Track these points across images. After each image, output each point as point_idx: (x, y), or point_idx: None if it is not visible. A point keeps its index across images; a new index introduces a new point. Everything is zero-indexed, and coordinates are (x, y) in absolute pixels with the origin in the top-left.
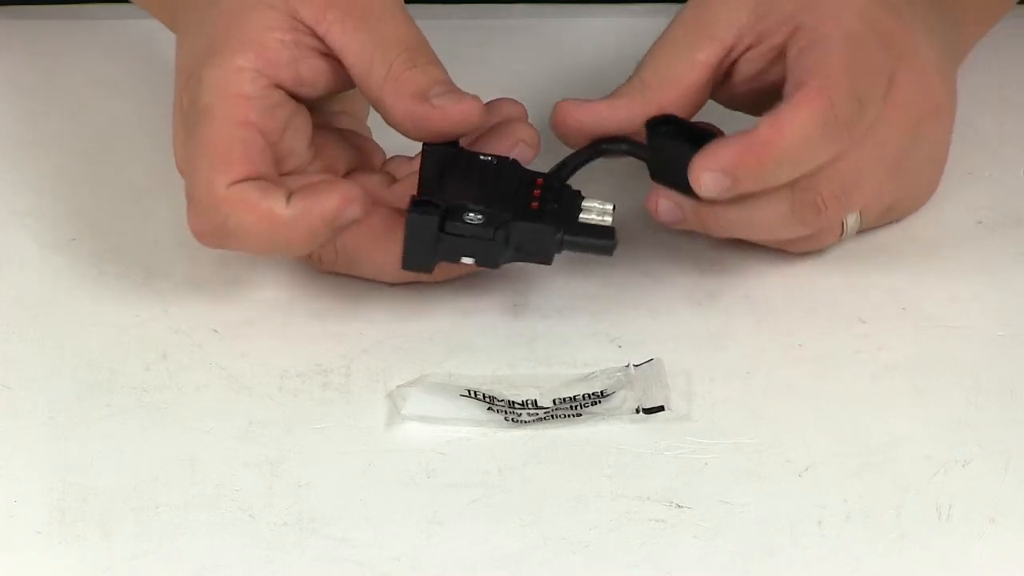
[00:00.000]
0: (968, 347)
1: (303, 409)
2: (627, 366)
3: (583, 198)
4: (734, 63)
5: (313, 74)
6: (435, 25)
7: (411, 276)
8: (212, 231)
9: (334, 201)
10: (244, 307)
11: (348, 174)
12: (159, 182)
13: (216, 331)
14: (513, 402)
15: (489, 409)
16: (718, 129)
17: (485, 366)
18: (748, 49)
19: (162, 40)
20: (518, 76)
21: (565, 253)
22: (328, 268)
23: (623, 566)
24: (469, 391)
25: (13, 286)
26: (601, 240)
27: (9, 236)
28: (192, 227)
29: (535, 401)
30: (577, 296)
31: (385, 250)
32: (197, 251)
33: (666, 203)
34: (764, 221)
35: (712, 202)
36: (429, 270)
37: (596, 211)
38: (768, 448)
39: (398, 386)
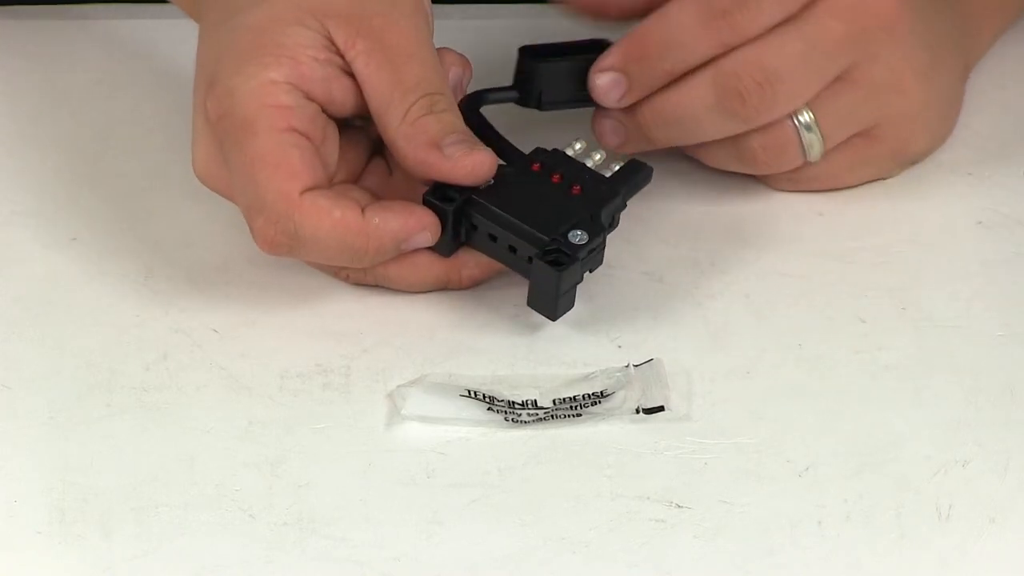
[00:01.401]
0: (968, 347)
1: (303, 409)
2: (627, 366)
3: (564, 151)
4: None
5: (344, 95)
6: (435, 25)
7: (439, 285)
8: (285, 239)
9: (410, 224)
10: (244, 307)
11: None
12: (159, 182)
13: (216, 331)
14: (513, 402)
15: (489, 409)
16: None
17: (485, 366)
18: None
19: (162, 40)
20: None
21: None
22: (356, 282)
23: (623, 566)
24: (469, 391)
25: (13, 286)
26: (640, 174)
27: (9, 236)
28: (261, 235)
29: (535, 401)
30: (577, 296)
31: (415, 264)
32: (197, 251)
33: (609, 122)
34: (693, 116)
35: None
36: (572, 305)
37: (584, 152)
38: (768, 448)
39: (398, 386)
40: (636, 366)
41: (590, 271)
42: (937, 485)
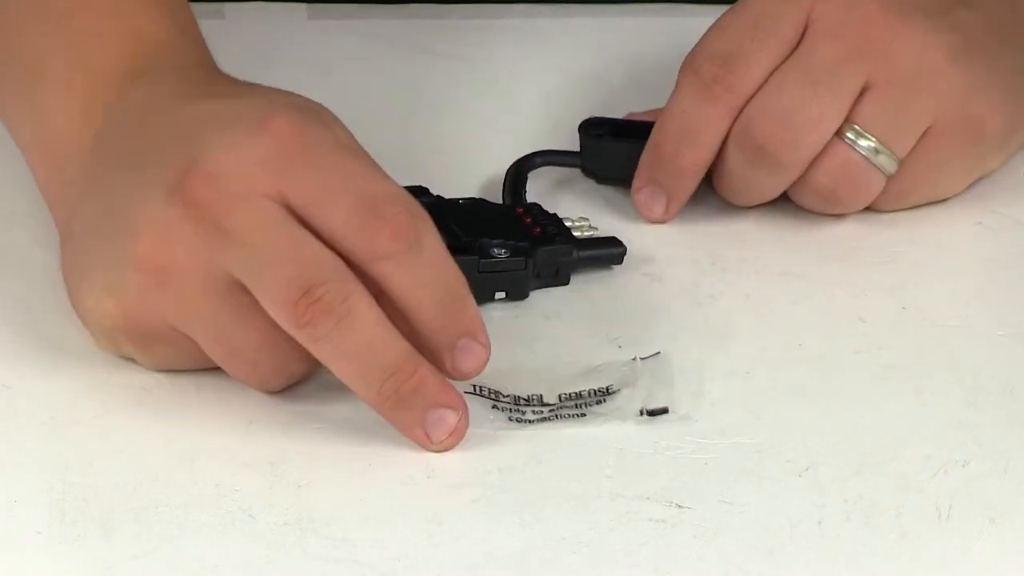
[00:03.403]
0: (968, 347)
1: (303, 409)
2: (634, 359)
3: (561, 218)
4: None
5: None
6: (435, 25)
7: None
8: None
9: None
10: None
11: None
12: None
13: None
14: (519, 397)
15: (494, 407)
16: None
17: (486, 366)
18: None
19: None
20: (518, 76)
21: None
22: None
23: (623, 566)
24: (474, 387)
25: (13, 286)
26: (612, 249)
27: (9, 236)
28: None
29: (540, 397)
30: (577, 296)
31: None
32: None
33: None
34: (743, 180)
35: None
36: None
37: (581, 227)
38: (768, 448)
39: None
40: (643, 359)
41: (506, 294)
42: (937, 485)
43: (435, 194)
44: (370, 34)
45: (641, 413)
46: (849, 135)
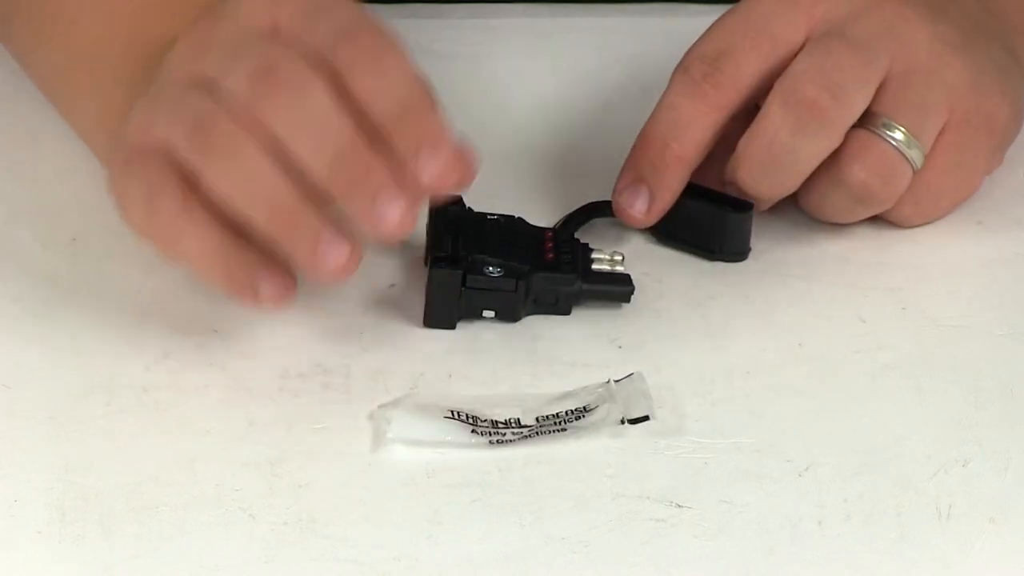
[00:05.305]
0: (968, 347)
1: (303, 409)
2: (608, 382)
3: (592, 250)
4: None
5: None
6: (435, 25)
7: None
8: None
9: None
10: (244, 307)
11: None
12: None
13: (216, 331)
14: (496, 421)
15: (473, 432)
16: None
17: (484, 364)
18: None
19: None
20: (518, 76)
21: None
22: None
23: (623, 566)
24: (453, 412)
25: (13, 286)
26: (619, 286)
27: (9, 236)
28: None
29: (518, 420)
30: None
31: None
32: None
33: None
34: (783, 146)
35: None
36: (451, 327)
37: (607, 261)
38: (768, 448)
39: (380, 406)
40: (617, 381)
41: (495, 314)
42: (937, 485)
43: (468, 206)
44: None
45: (622, 422)
46: (881, 128)
